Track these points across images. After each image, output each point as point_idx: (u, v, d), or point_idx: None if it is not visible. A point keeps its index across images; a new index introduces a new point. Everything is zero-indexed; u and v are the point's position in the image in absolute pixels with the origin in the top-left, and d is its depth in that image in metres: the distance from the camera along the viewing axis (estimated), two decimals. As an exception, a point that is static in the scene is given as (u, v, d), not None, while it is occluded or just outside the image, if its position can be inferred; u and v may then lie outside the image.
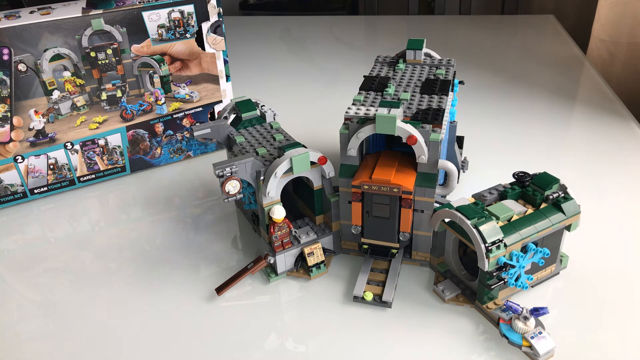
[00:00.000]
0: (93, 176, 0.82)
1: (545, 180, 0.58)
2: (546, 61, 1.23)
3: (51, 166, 0.78)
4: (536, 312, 0.51)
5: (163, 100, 0.83)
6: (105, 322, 0.59)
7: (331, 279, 0.63)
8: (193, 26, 0.81)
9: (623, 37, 1.14)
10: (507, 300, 0.53)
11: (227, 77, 0.88)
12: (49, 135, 0.76)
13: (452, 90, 0.70)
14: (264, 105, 0.74)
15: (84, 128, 0.78)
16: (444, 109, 0.60)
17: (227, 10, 2.30)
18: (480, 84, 1.11)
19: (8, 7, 1.57)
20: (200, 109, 0.87)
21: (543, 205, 0.57)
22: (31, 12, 0.72)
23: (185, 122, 0.86)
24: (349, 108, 0.61)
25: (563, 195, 0.57)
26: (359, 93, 0.65)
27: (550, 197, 0.57)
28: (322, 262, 0.63)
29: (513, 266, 0.53)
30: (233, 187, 0.59)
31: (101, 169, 0.82)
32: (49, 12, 0.72)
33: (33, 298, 0.63)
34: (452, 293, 0.59)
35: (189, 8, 0.79)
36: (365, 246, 0.62)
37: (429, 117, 0.59)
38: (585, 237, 0.65)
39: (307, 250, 0.62)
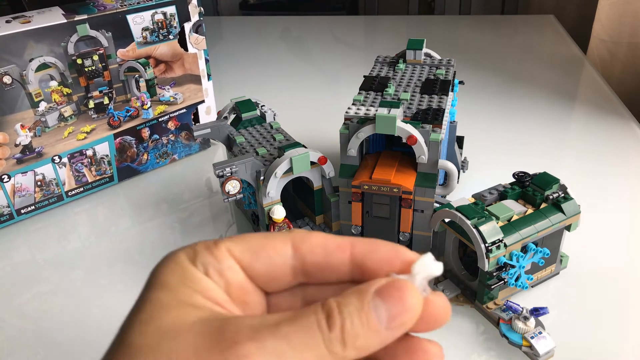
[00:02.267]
0: (81, 189, 0.80)
1: (545, 180, 0.58)
2: (546, 61, 1.23)
3: (38, 182, 0.75)
4: (536, 312, 0.51)
5: (149, 104, 0.82)
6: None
7: (331, 279, 0.63)
8: (175, 27, 0.80)
9: (623, 37, 1.14)
10: (507, 300, 0.53)
11: (209, 76, 0.88)
12: (36, 149, 0.73)
13: (452, 90, 0.70)
14: (264, 105, 0.74)
15: (71, 139, 0.76)
16: (444, 109, 0.60)
17: (227, 10, 2.30)
18: (480, 84, 1.11)
19: (8, 8, 1.57)
20: (184, 110, 0.87)
21: (543, 205, 0.57)
22: (7, 22, 0.68)
23: (171, 125, 0.86)
24: (349, 108, 0.61)
25: (563, 195, 0.57)
26: (359, 93, 0.65)
27: (550, 197, 0.57)
28: (322, 262, 0.63)
29: (513, 266, 0.53)
30: (233, 187, 0.59)
31: (89, 180, 0.80)
32: (29, 20, 0.69)
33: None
34: (452, 293, 0.59)
35: (171, 9, 0.79)
36: (365, 246, 0.62)
37: (429, 117, 0.59)
38: (586, 237, 0.65)
39: (307, 250, 0.62)
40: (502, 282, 0.54)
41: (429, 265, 0.24)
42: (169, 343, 0.21)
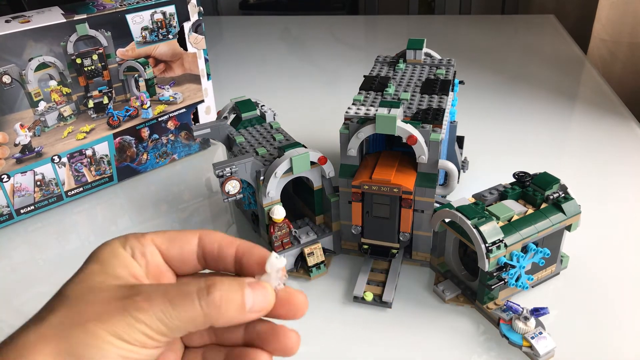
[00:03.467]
0: (81, 189, 0.80)
1: (545, 180, 0.58)
2: (546, 61, 1.23)
3: (38, 182, 0.75)
4: (536, 312, 0.51)
5: (148, 104, 0.82)
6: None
7: (331, 279, 0.63)
8: (175, 27, 0.80)
9: (623, 36, 1.14)
10: (508, 301, 0.53)
11: (208, 76, 0.88)
12: (36, 149, 0.73)
13: (453, 90, 0.70)
14: (263, 105, 0.74)
15: (71, 139, 0.76)
16: (444, 109, 0.60)
17: (227, 10, 2.30)
18: (480, 84, 1.11)
19: (8, 8, 1.57)
20: (184, 110, 0.87)
21: (543, 206, 0.57)
22: (7, 22, 0.68)
23: (170, 125, 0.86)
24: (349, 108, 0.60)
25: (563, 195, 0.57)
26: (359, 93, 0.65)
27: (551, 197, 0.57)
28: (322, 262, 0.63)
29: (513, 266, 0.53)
30: (233, 187, 0.59)
31: (89, 180, 0.80)
32: (29, 20, 0.69)
33: None
34: (453, 293, 0.59)
35: (170, 9, 0.79)
36: (366, 246, 0.62)
37: (429, 117, 0.59)
38: (586, 237, 0.65)
39: (307, 251, 0.62)
40: (503, 282, 0.53)
41: (274, 262, 0.32)
42: (89, 295, 0.30)
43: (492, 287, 0.54)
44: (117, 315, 0.29)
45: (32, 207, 0.76)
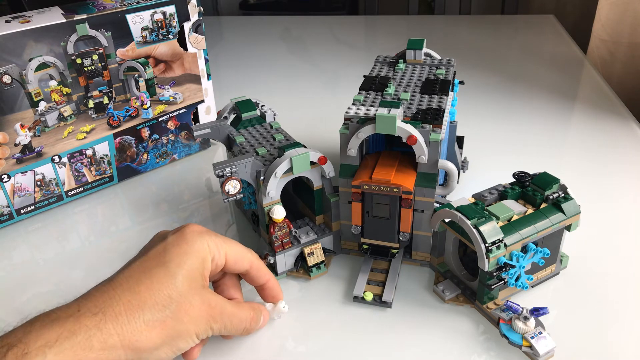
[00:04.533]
0: (81, 189, 0.80)
1: (545, 180, 0.58)
2: (546, 61, 1.23)
3: (38, 182, 0.75)
4: (536, 312, 0.51)
5: (148, 104, 0.82)
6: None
7: (331, 279, 0.63)
8: (175, 27, 0.80)
9: (623, 36, 1.14)
10: (507, 300, 0.53)
11: (208, 76, 0.88)
12: (36, 149, 0.73)
13: (452, 90, 0.70)
14: (264, 105, 0.74)
15: (71, 139, 0.76)
16: (444, 109, 0.60)
17: (227, 10, 2.30)
18: (480, 84, 1.11)
19: (8, 7, 1.57)
20: (184, 110, 0.87)
21: (543, 205, 0.57)
22: (7, 22, 0.68)
23: (170, 125, 0.86)
24: (349, 108, 0.61)
25: (563, 195, 0.57)
26: (359, 93, 0.65)
27: (550, 197, 0.57)
28: (322, 262, 0.63)
29: (513, 266, 0.53)
30: (233, 187, 0.59)
31: (89, 180, 0.80)
32: (29, 20, 0.69)
33: None
34: (452, 293, 0.59)
35: (170, 9, 0.79)
36: (365, 246, 0.62)
37: (429, 117, 0.59)
38: (586, 237, 0.65)
39: (307, 250, 0.62)
40: (502, 282, 0.53)
41: (280, 310, 0.56)
42: (192, 298, 0.47)
43: (492, 287, 0.54)
44: (205, 323, 0.47)
45: (32, 207, 0.76)
